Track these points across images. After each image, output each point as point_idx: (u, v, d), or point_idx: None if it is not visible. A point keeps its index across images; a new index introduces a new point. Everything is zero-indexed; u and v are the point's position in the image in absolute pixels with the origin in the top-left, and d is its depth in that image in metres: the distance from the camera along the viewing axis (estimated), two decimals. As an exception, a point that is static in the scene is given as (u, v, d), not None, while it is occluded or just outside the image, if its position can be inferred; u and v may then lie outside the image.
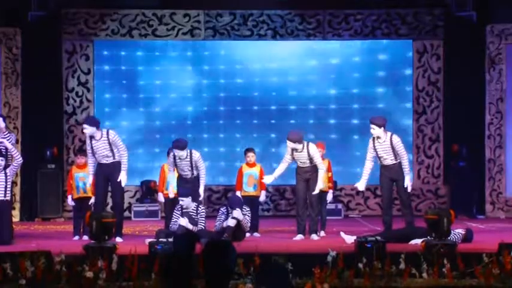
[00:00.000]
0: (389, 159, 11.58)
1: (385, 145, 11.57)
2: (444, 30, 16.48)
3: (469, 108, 16.11)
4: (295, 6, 16.60)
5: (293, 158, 11.83)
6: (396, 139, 11.66)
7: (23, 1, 16.00)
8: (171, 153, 12.01)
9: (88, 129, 11.61)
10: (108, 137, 11.64)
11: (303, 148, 11.72)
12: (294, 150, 11.73)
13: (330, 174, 12.49)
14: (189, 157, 11.89)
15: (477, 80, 16.13)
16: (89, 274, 8.92)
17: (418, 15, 16.54)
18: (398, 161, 11.60)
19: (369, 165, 11.70)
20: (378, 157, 11.66)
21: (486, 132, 16.16)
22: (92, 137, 11.63)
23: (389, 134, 11.68)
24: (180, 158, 11.85)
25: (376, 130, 11.57)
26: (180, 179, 11.98)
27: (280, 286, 4.63)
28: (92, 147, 11.62)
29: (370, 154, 11.69)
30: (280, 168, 11.93)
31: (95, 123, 11.68)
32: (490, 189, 16.13)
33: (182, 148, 11.83)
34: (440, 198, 16.50)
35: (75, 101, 16.43)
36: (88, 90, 16.47)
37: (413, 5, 16.62)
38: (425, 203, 16.36)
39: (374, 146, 11.63)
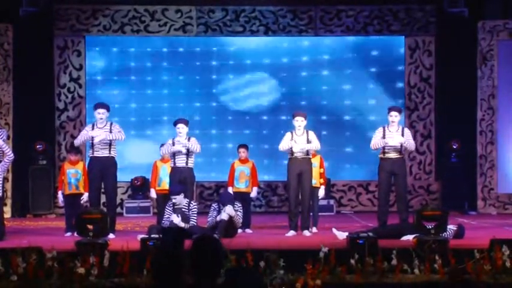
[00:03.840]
0: (395, 152, 11.62)
1: (396, 135, 11.62)
2: (436, 27, 16.50)
3: (461, 104, 16.13)
4: (287, 2, 16.61)
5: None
6: (409, 130, 12.11)
7: (14, -3, 15.97)
8: (170, 139, 12.10)
9: (105, 114, 11.73)
10: (111, 126, 11.69)
11: (303, 133, 11.76)
12: (294, 132, 11.74)
13: (321, 170, 12.49)
14: (187, 140, 11.99)
15: (469, 76, 16.15)
16: (81, 270, 8.90)
17: (410, 11, 16.56)
18: (402, 155, 11.67)
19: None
20: (382, 147, 11.67)
21: (478, 129, 16.19)
22: (94, 125, 11.68)
23: (400, 126, 11.91)
24: (179, 137, 11.93)
25: (397, 118, 11.70)
26: (174, 172, 11.98)
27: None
28: (92, 136, 11.62)
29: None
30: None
31: (109, 109, 11.81)
32: (481, 186, 16.16)
33: (186, 123, 12.07)
34: (432, 195, 16.53)
35: (66, 97, 16.41)
36: (80, 86, 16.45)
37: (405, 1, 16.63)
38: (417, 199, 16.39)
39: (384, 136, 11.65)
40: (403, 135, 11.72)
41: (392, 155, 11.64)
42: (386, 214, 11.63)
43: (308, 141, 11.78)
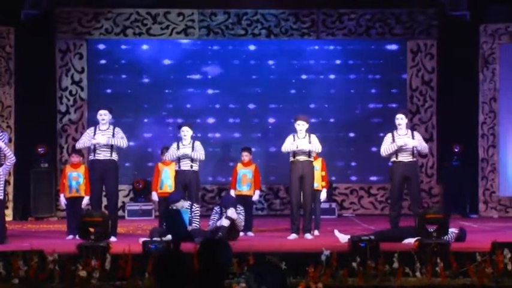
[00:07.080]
0: (406, 155, 11.59)
1: (406, 139, 11.60)
2: (438, 30, 16.50)
3: (463, 107, 16.12)
4: (289, 5, 16.60)
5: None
6: (418, 133, 12.03)
7: (16, -1, 15.98)
8: (174, 143, 12.17)
9: (107, 116, 11.72)
10: (113, 130, 11.70)
11: (304, 136, 11.77)
12: (296, 135, 11.74)
13: (323, 173, 12.49)
14: (191, 144, 12.05)
15: (470, 79, 16.15)
16: (82, 273, 8.90)
17: (412, 14, 16.55)
18: (415, 159, 11.66)
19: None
20: (395, 151, 11.66)
21: (479, 132, 16.18)
22: (96, 128, 11.70)
23: (409, 129, 11.87)
24: (184, 140, 11.99)
25: (403, 120, 11.64)
26: (178, 175, 12.04)
27: (275, 285, 4.60)
28: (94, 143, 11.62)
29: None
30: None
31: (111, 111, 11.81)
32: (483, 189, 16.15)
33: (191, 126, 12.19)
34: (433, 198, 16.52)
35: (68, 100, 16.41)
36: (82, 89, 16.45)
37: (407, 5, 16.63)
38: (419, 202, 16.36)
39: (393, 140, 11.63)
40: (413, 138, 11.68)
41: (405, 158, 11.61)
42: (398, 217, 11.61)
43: (309, 143, 11.78)
